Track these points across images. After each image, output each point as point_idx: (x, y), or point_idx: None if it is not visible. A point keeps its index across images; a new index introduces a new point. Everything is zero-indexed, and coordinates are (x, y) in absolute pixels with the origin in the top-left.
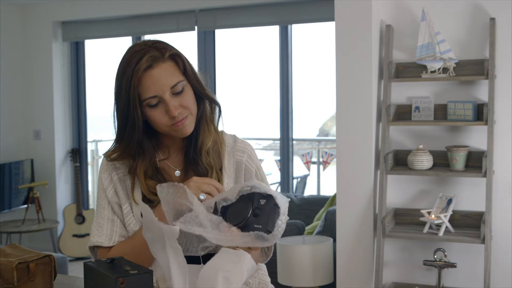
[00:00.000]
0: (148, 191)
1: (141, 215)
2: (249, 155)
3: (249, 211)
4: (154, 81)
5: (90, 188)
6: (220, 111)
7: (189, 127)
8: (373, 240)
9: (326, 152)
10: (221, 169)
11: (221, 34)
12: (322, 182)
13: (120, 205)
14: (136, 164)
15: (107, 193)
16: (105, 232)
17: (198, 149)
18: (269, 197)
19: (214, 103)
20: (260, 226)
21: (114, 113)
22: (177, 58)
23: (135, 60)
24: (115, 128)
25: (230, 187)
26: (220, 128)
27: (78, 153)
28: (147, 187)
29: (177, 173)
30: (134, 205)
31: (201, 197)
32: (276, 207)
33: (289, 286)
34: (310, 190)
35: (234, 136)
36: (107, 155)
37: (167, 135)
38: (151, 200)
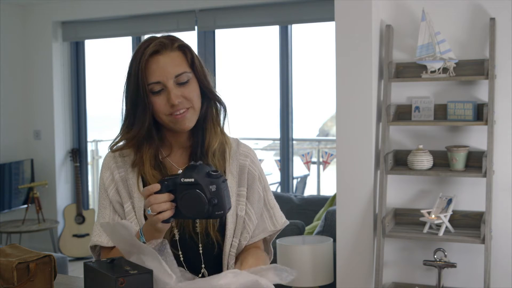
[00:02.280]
0: (153, 181)
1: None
2: (252, 159)
3: (206, 205)
4: (159, 67)
5: (90, 188)
6: (226, 112)
7: (189, 121)
8: (373, 240)
9: (326, 152)
10: (225, 172)
11: (221, 34)
12: (322, 182)
13: (122, 204)
14: (142, 153)
15: (109, 193)
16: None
17: (205, 150)
18: (215, 179)
19: (220, 103)
20: (222, 212)
21: (123, 100)
22: (185, 49)
23: (144, 45)
24: (123, 116)
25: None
26: (225, 130)
27: (78, 153)
28: (153, 176)
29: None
30: (136, 203)
31: (148, 211)
32: (224, 183)
33: (289, 286)
34: (310, 190)
35: (237, 140)
36: (113, 145)
37: (170, 131)
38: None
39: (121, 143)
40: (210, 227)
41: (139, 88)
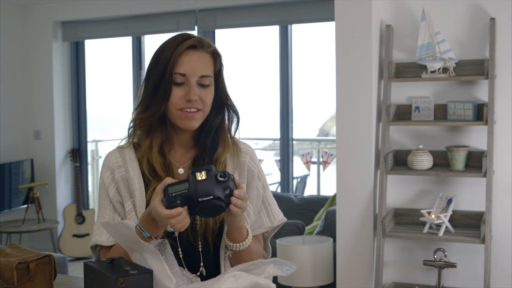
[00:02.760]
0: (159, 166)
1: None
2: (251, 157)
3: (223, 208)
4: (190, 61)
5: (90, 188)
6: (238, 122)
7: (196, 122)
8: (373, 240)
9: (326, 152)
10: None
11: (221, 34)
12: (322, 182)
13: (122, 203)
14: (152, 138)
15: (109, 192)
16: (105, 232)
17: (214, 159)
18: (226, 183)
19: (234, 113)
20: None
21: (143, 83)
22: (217, 57)
23: (183, 37)
24: (139, 97)
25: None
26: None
27: (78, 153)
28: (159, 162)
29: (181, 170)
30: (137, 202)
31: (169, 230)
32: (232, 181)
33: (289, 286)
34: (310, 190)
35: (236, 138)
36: (132, 122)
37: (174, 128)
38: (154, 174)
39: (134, 123)
40: (209, 231)
41: (165, 74)
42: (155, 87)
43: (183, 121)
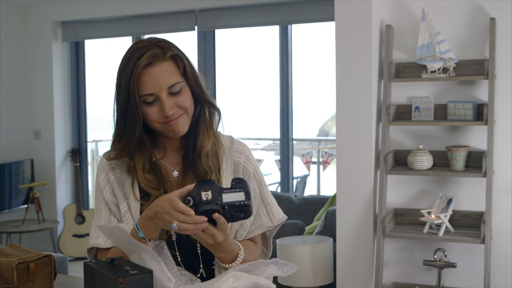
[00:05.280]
0: (147, 185)
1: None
2: (246, 156)
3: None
4: (152, 79)
5: (90, 188)
6: (219, 115)
7: (182, 126)
8: (373, 240)
9: (326, 152)
10: (219, 171)
11: (221, 34)
12: (322, 182)
13: (118, 205)
14: (134, 161)
15: (104, 194)
16: (102, 234)
17: (197, 152)
18: (245, 202)
19: (213, 107)
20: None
21: (114, 108)
22: (177, 59)
23: (136, 56)
24: (114, 125)
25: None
26: (219, 131)
27: (78, 153)
28: (146, 181)
29: (175, 173)
30: (132, 204)
31: (173, 227)
32: (248, 200)
33: (289, 286)
34: (310, 190)
35: (231, 137)
36: (107, 154)
37: (164, 134)
38: (148, 194)
39: (113, 154)
40: None
41: (129, 100)
42: (123, 114)
43: (170, 131)
